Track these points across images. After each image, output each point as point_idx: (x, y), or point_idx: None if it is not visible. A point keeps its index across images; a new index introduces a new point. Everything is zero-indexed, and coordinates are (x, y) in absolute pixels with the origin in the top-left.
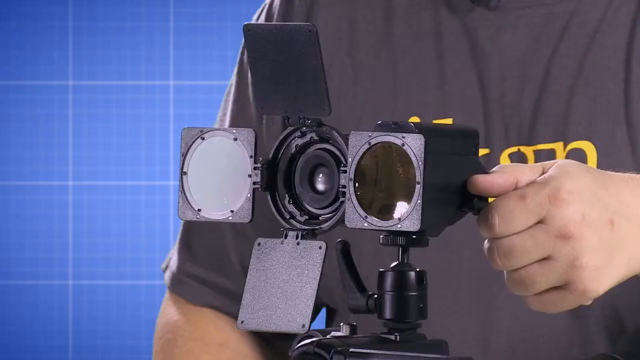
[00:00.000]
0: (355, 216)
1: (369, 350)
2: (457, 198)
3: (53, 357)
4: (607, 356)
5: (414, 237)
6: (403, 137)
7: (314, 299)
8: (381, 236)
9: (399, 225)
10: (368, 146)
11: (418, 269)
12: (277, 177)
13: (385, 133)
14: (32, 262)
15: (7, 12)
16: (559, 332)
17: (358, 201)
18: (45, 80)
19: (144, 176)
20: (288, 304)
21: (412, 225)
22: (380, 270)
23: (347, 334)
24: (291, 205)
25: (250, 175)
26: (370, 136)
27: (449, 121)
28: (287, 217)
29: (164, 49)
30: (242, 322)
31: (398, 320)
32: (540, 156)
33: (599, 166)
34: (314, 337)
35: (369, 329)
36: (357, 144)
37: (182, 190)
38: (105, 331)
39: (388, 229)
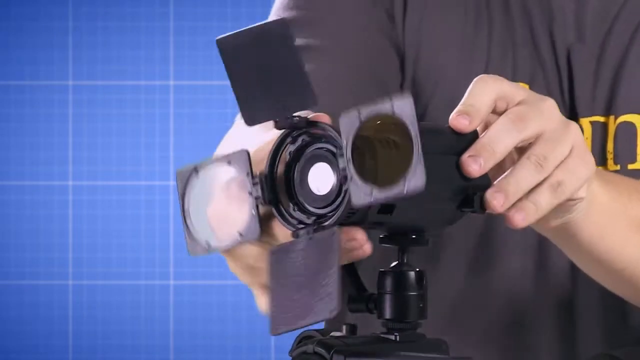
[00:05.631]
0: (360, 194)
1: (369, 350)
2: (457, 198)
3: (53, 357)
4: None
5: (414, 236)
6: (391, 104)
7: (337, 282)
8: (380, 236)
9: (406, 189)
10: (359, 123)
11: (418, 269)
12: (277, 188)
13: (372, 105)
14: (32, 262)
15: (7, 12)
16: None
17: (361, 179)
18: (45, 80)
19: (144, 176)
20: (313, 296)
21: (418, 181)
22: (380, 270)
23: (347, 334)
24: (297, 212)
25: (251, 193)
26: (359, 113)
27: (525, 86)
28: (296, 224)
29: (164, 49)
30: (273, 329)
31: (398, 320)
32: (595, 128)
33: None
34: (313, 337)
35: (369, 329)
36: (348, 124)
37: (188, 230)
38: (105, 331)
39: (395, 196)
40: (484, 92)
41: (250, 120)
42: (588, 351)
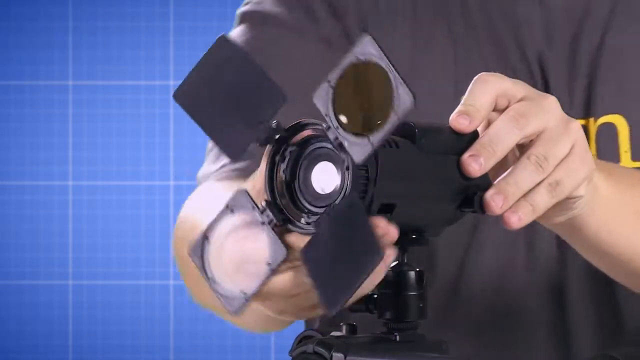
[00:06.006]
0: (361, 148)
1: (368, 350)
2: (458, 198)
3: (53, 357)
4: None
5: (414, 236)
6: (353, 53)
7: (374, 231)
8: None
9: (398, 114)
10: (332, 89)
11: (418, 269)
12: (286, 208)
13: (336, 66)
14: (32, 262)
15: (7, 12)
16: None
17: (354, 136)
18: (45, 80)
19: (144, 176)
20: (355, 256)
21: (406, 100)
22: None
23: (347, 334)
24: (312, 217)
25: (263, 222)
26: (329, 81)
27: None
28: (313, 227)
29: (164, 49)
30: (330, 310)
31: (398, 320)
32: None
33: (632, 139)
34: (313, 337)
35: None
36: (323, 96)
37: (220, 294)
38: (105, 331)
39: (392, 127)
40: (484, 91)
41: (235, 155)
42: (581, 344)
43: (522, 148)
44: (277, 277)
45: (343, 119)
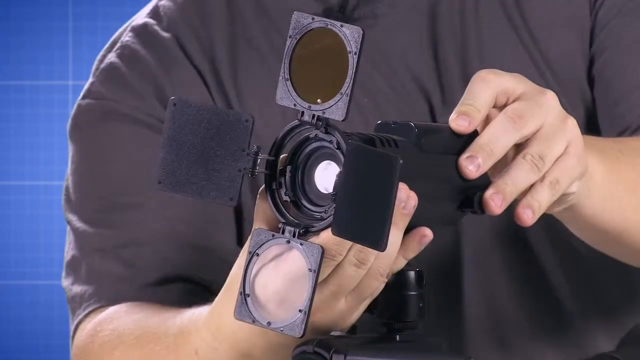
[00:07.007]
0: (338, 107)
1: (368, 350)
2: (458, 198)
3: (53, 357)
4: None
5: None
6: (291, 37)
7: (378, 151)
8: None
9: (354, 51)
10: (289, 80)
11: (418, 269)
12: (301, 221)
13: (283, 60)
14: (32, 262)
15: (7, 12)
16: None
17: (329, 99)
18: (45, 80)
19: None
20: (374, 183)
21: (355, 34)
22: None
23: (347, 333)
24: (327, 212)
25: (288, 240)
26: (283, 77)
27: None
28: (329, 222)
29: None
30: (377, 246)
31: (398, 320)
32: None
33: None
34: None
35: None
36: (286, 92)
37: (281, 329)
38: None
39: (355, 66)
40: (483, 90)
41: (232, 199)
42: (473, 311)
43: (519, 145)
44: (323, 281)
45: (310, 96)
